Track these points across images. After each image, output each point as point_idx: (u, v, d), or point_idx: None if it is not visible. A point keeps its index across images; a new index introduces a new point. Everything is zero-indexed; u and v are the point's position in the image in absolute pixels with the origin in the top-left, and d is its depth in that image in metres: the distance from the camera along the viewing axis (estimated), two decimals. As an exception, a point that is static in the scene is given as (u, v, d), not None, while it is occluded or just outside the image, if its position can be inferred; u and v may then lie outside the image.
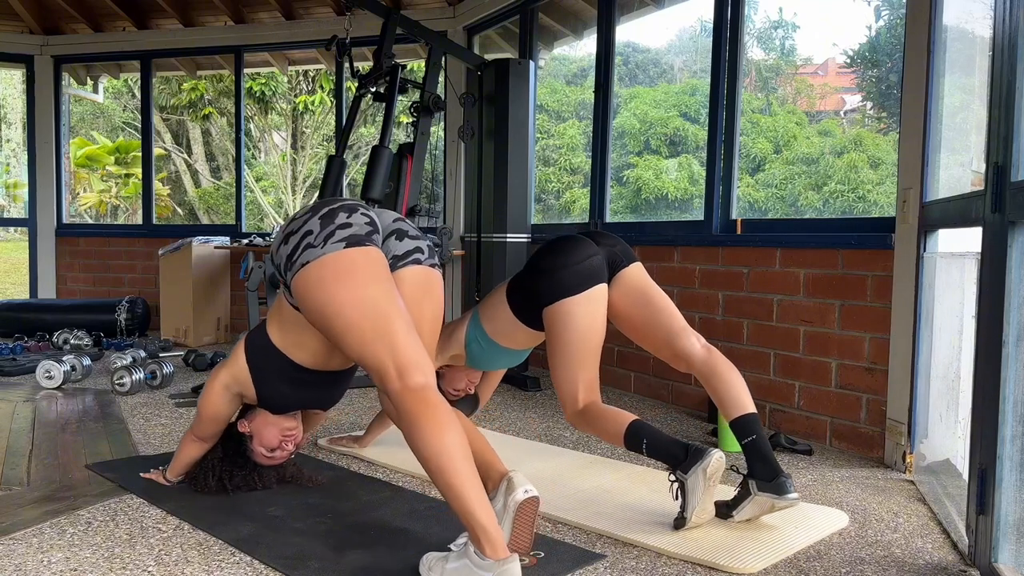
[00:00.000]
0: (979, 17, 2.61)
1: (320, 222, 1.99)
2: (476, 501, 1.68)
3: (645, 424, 2.25)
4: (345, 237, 1.96)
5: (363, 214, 2.06)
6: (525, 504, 1.84)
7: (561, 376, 2.38)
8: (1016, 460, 1.78)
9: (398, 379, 1.83)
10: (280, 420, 2.38)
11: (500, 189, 4.55)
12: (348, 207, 2.05)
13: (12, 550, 1.97)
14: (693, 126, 10.12)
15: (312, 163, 14.35)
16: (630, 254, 2.55)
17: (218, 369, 2.34)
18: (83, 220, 14.25)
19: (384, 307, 1.91)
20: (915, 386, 2.75)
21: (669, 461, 2.16)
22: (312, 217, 2.01)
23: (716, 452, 2.11)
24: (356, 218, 2.02)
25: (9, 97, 15.47)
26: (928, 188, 2.73)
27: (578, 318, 2.35)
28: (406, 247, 2.18)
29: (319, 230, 1.97)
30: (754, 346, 3.45)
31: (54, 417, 3.42)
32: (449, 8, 5.68)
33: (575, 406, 2.37)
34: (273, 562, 1.91)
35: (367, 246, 1.99)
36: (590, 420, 2.34)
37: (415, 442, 1.76)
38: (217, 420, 2.36)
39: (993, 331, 1.81)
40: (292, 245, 1.99)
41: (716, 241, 3.69)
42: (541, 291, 2.40)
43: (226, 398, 2.31)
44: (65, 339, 5.27)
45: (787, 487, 2.13)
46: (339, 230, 1.97)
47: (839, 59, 10.00)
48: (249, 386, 2.29)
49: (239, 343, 2.33)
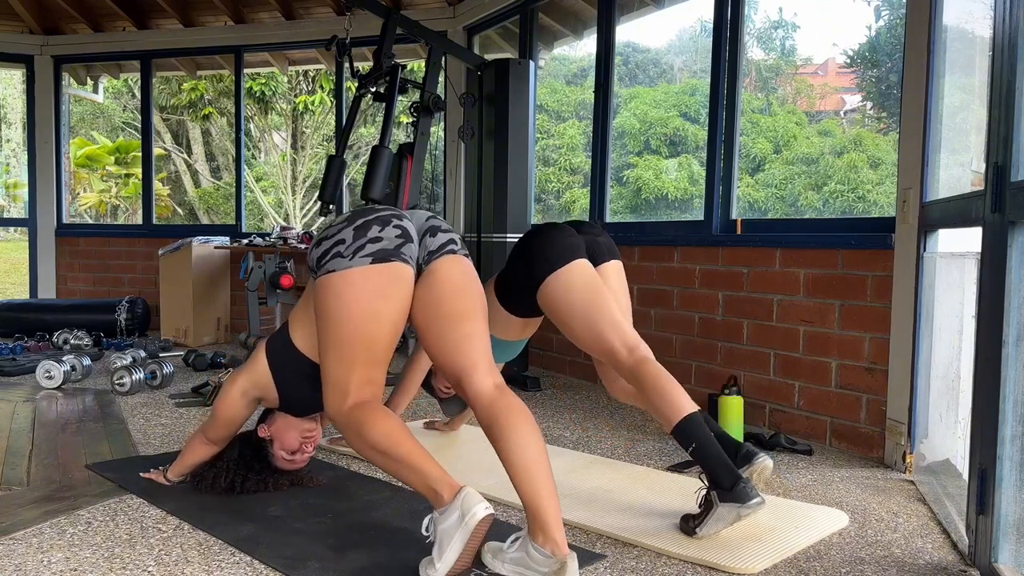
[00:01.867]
0: (979, 17, 2.61)
1: (353, 233, 2.03)
2: (427, 462, 1.83)
3: (702, 423, 2.14)
4: (373, 252, 2.01)
5: (396, 226, 2.07)
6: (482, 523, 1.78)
7: (587, 340, 2.36)
8: (1016, 460, 1.78)
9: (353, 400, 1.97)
10: (300, 422, 2.41)
11: (500, 189, 4.55)
12: (383, 219, 2.07)
13: (12, 550, 1.97)
14: (693, 126, 10.12)
15: (312, 163, 14.35)
16: (613, 250, 2.56)
17: (236, 374, 2.37)
18: (83, 220, 14.25)
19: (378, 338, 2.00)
20: (915, 386, 2.75)
21: (711, 478, 2.08)
22: (347, 227, 2.05)
23: (758, 501, 2.03)
24: (388, 231, 2.05)
25: (9, 97, 15.47)
26: (928, 188, 2.73)
27: (571, 284, 2.36)
28: (439, 241, 2.20)
29: (351, 241, 2.02)
30: (754, 346, 3.45)
31: (54, 417, 3.42)
32: (449, 8, 5.68)
33: (619, 361, 2.29)
34: (273, 562, 1.91)
35: (392, 261, 2.03)
36: (644, 385, 2.22)
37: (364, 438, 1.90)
38: (232, 424, 2.37)
39: (993, 331, 1.81)
40: (323, 249, 2.05)
41: (716, 241, 3.69)
42: (527, 279, 2.43)
43: (243, 403, 2.34)
44: (65, 339, 5.27)
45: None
46: (369, 244, 2.02)
47: (839, 59, 10.01)
48: (271, 389, 2.32)
49: (258, 348, 2.35)
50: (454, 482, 1.80)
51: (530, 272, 2.43)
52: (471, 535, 1.74)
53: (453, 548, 1.75)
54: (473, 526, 1.74)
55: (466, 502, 1.75)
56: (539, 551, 1.77)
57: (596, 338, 2.35)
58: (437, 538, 1.78)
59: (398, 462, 1.86)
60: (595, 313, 2.35)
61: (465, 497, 1.75)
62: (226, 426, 2.37)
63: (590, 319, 2.35)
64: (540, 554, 1.77)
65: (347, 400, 1.97)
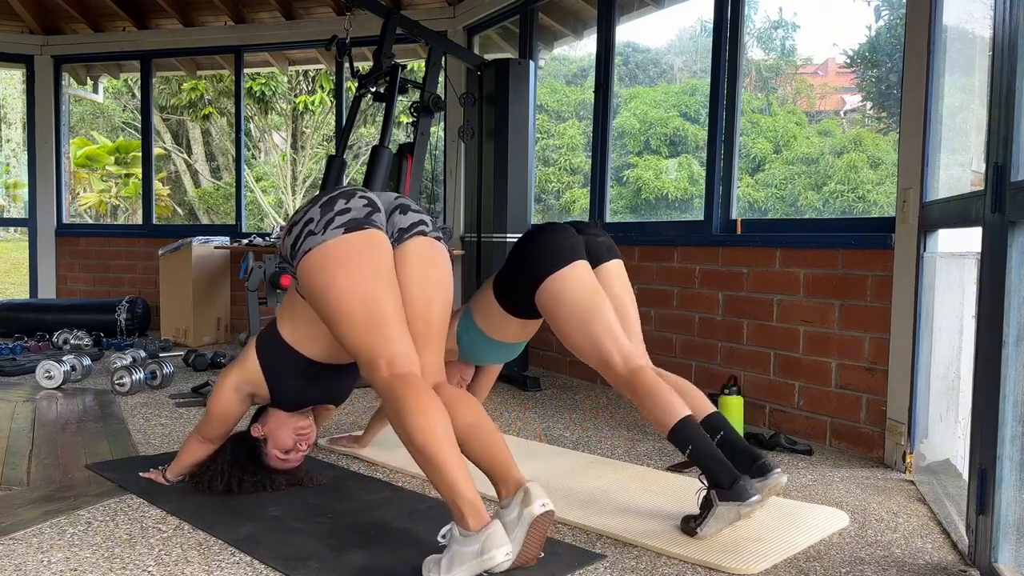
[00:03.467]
0: (979, 17, 2.61)
1: (320, 210, 2.04)
2: (459, 475, 1.73)
3: (697, 427, 2.15)
4: (344, 223, 2.01)
5: (361, 196, 2.10)
6: (540, 518, 1.81)
7: (584, 347, 2.33)
8: (1016, 460, 1.78)
9: (386, 368, 1.89)
10: (293, 419, 2.39)
11: (500, 189, 4.55)
12: (346, 193, 2.10)
13: (12, 550, 1.97)
14: (693, 126, 10.12)
15: (312, 163, 14.34)
16: (613, 250, 2.55)
17: (228, 370, 2.35)
18: (83, 220, 14.24)
19: (381, 299, 1.96)
20: (915, 386, 2.75)
21: (710, 479, 2.08)
22: (312, 207, 2.06)
23: (757, 499, 2.04)
24: (354, 202, 2.06)
25: (9, 97, 15.46)
26: (928, 188, 2.73)
27: (570, 286, 2.34)
28: (410, 220, 2.18)
29: (319, 217, 2.02)
30: (754, 346, 3.45)
31: (54, 417, 3.42)
32: (449, 8, 5.68)
33: (615, 371, 2.27)
34: (273, 562, 1.91)
35: (367, 229, 2.02)
36: (638, 392, 2.22)
37: (400, 424, 1.80)
38: (226, 421, 2.36)
39: (993, 331, 1.81)
40: (295, 235, 2.04)
41: (716, 241, 3.69)
42: (526, 280, 2.41)
43: (236, 399, 2.33)
44: (65, 339, 5.27)
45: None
46: (338, 216, 2.02)
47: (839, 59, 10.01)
48: (262, 384, 2.31)
49: (249, 343, 2.35)
50: (483, 513, 1.73)
51: (529, 272, 2.41)
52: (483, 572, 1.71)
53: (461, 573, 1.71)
54: (488, 567, 1.70)
55: (488, 542, 1.68)
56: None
57: (591, 343, 2.31)
58: (450, 553, 1.74)
59: (429, 463, 1.77)
60: (592, 318, 2.31)
61: (489, 537, 1.69)
62: (220, 423, 2.36)
63: (585, 323, 2.31)
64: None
65: (378, 370, 1.90)
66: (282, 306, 2.31)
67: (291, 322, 2.26)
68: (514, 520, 1.82)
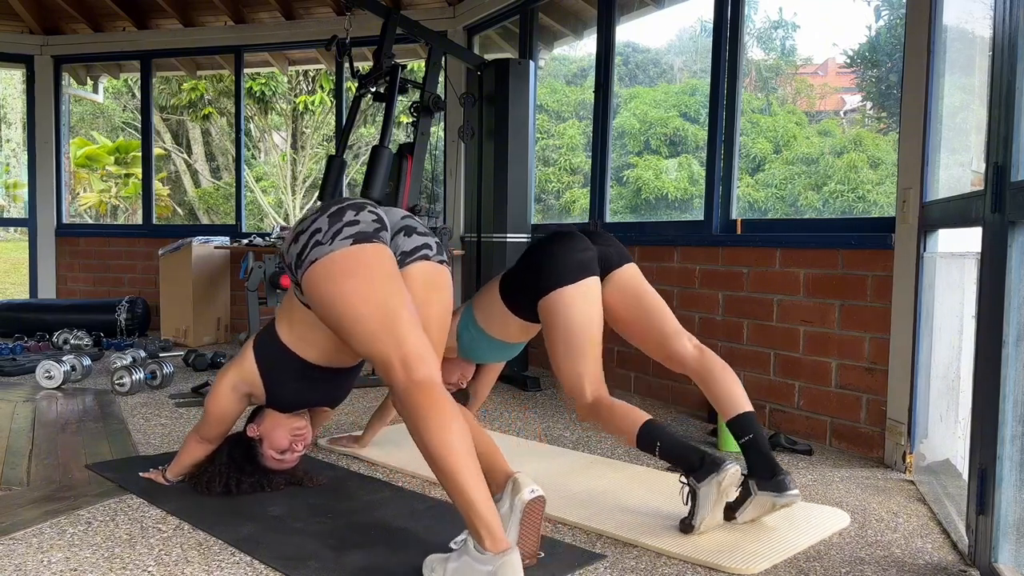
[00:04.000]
0: (979, 17, 2.61)
1: (328, 220, 2.02)
2: (477, 494, 1.69)
3: (659, 425, 2.22)
4: (352, 234, 1.99)
5: (370, 211, 2.08)
6: (532, 504, 1.82)
7: (564, 368, 2.36)
8: (1016, 460, 1.79)
9: (403, 372, 1.85)
10: (289, 420, 2.39)
11: (500, 189, 4.55)
12: (356, 205, 2.08)
13: (12, 550, 1.97)
14: (693, 126, 10.12)
15: (312, 163, 14.35)
16: (625, 255, 2.55)
17: (225, 369, 2.35)
18: (83, 220, 14.24)
19: (391, 301, 1.94)
20: (915, 386, 2.75)
21: (683, 466, 2.14)
22: (321, 216, 2.04)
23: (732, 466, 2.09)
24: (363, 215, 2.05)
25: (9, 97, 15.46)
26: (928, 188, 2.73)
27: (573, 308, 2.34)
28: (414, 243, 2.19)
29: (327, 228, 2.00)
30: (754, 346, 3.45)
31: (54, 417, 3.42)
32: (449, 8, 5.68)
33: (583, 399, 2.33)
34: (273, 562, 1.91)
35: (374, 243, 2.01)
36: (601, 415, 2.30)
37: (420, 436, 1.76)
38: (224, 421, 2.36)
39: (993, 331, 1.81)
40: (302, 244, 2.02)
41: (716, 241, 3.69)
42: (534, 283, 2.41)
43: (234, 398, 2.32)
44: (65, 339, 5.27)
45: (787, 484, 2.13)
46: (347, 227, 2.00)
47: (839, 59, 10.01)
48: (258, 385, 2.31)
49: (247, 343, 2.34)
50: (500, 536, 1.68)
51: (538, 277, 2.40)
52: None
53: None
54: None
55: (502, 570, 1.64)
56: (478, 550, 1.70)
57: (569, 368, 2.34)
58: (459, 561, 1.72)
59: (446, 477, 1.72)
60: (582, 345, 2.33)
61: (504, 564, 1.64)
62: (218, 423, 2.36)
63: (573, 349, 2.33)
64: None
65: (394, 373, 1.86)
66: (281, 307, 2.31)
67: (289, 323, 2.26)
68: (507, 512, 1.82)
